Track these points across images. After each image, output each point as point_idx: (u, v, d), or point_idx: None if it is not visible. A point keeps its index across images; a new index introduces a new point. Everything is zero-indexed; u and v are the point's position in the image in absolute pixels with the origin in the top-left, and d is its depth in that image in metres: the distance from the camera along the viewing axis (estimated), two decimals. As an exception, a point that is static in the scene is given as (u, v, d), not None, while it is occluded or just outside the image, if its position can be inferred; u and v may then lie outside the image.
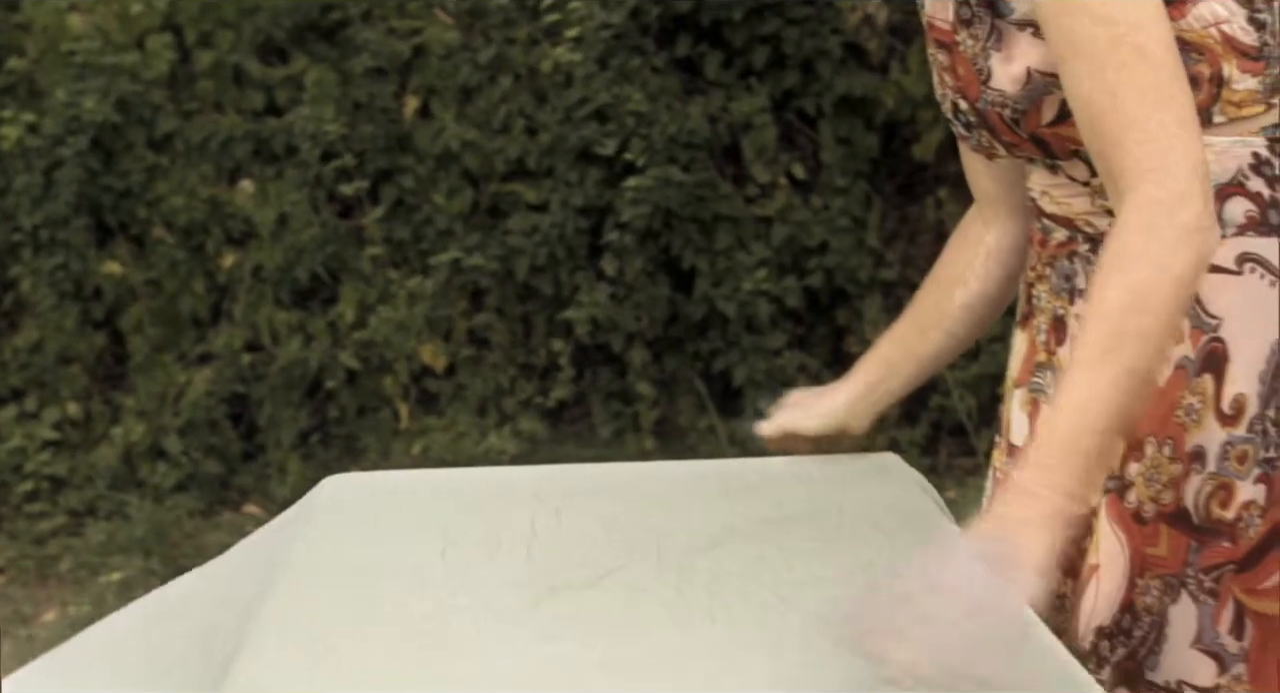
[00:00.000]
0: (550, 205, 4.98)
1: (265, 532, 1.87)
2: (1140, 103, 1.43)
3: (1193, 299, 1.46)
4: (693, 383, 5.08)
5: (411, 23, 5.10)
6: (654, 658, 1.34)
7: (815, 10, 5.10)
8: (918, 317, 1.87)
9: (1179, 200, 1.41)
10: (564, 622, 1.43)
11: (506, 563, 1.59)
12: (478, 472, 2.03)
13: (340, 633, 1.40)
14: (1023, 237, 1.81)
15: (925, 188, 5.22)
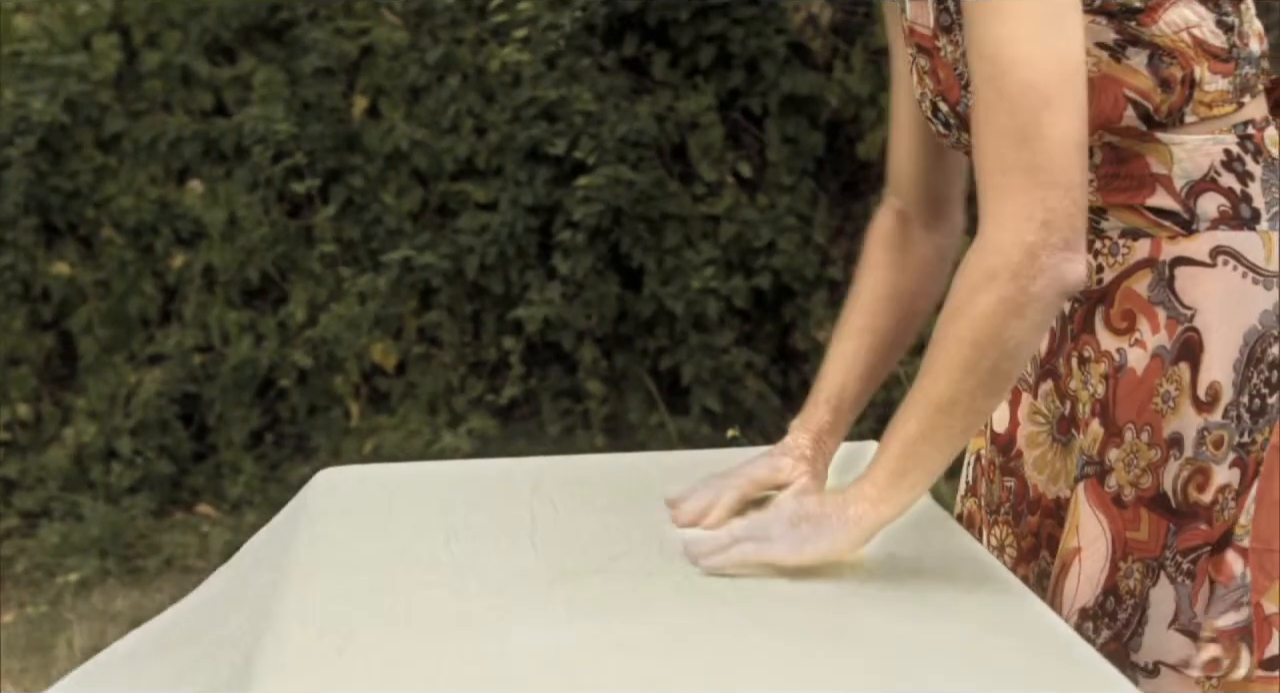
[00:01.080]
0: (499, 204, 5.02)
1: (268, 532, 1.90)
2: (994, 145, 1.48)
3: (1002, 336, 1.49)
4: (642, 380, 5.12)
5: (359, 23, 5.12)
6: (671, 637, 1.38)
7: (760, 10, 5.16)
8: (879, 341, 1.82)
9: (997, 250, 1.47)
10: (579, 605, 1.47)
11: (512, 552, 1.63)
12: (469, 464, 2.07)
13: (358, 621, 1.43)
14: (959, 228, 1.86)
15: (869, 186, 5.29)
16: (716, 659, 1.34)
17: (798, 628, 1.40)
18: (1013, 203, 1.47)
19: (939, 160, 1.83)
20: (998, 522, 1.75)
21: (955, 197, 1.86)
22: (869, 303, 1.84)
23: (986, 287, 1.47)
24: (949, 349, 1.48)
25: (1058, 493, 1.68)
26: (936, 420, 1.50)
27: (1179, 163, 1.59)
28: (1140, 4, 1.55)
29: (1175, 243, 1.59)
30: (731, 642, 1.38)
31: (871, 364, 1.82)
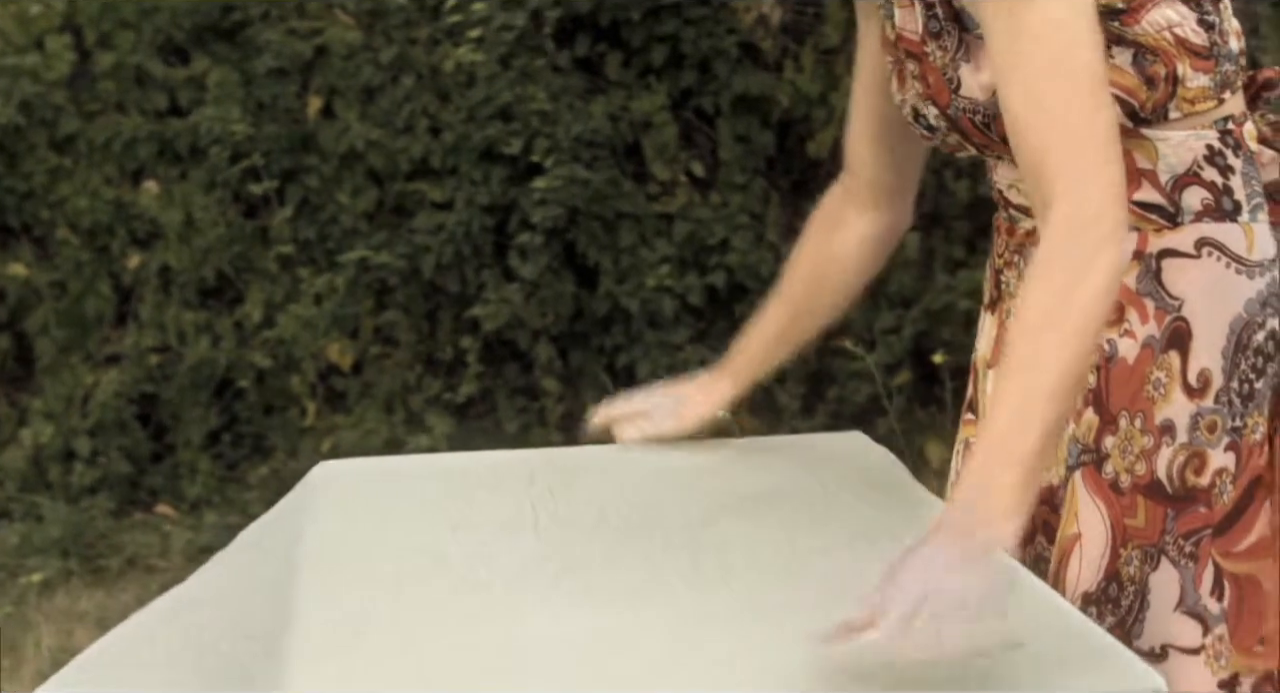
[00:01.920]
0: (455, 204, 5.04)
1: (267, 522, 1.92)
2: (1065, 123, 1.51)
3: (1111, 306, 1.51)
4: (598, 378, 5.16)
5: (312, 23, 5.13)
6: (681, 622, 1.43)
7: (711, 11, 5.21)
8: (791, 303, 1.99)
9: (1093, 219, 1.48)
10: (589, 592, 1.51)
11: (518, 542, 1.67)
12: (465, 456, 2.10)
13: (377, 612, 1.47)
14: (900, 220, 1.96)
15: (819, 184, 5.32)
16: (733, 645, 1.39)
17: (804, 613, 1.44)
18: (1093, 177, 1.49)
19: (887, 157, 1.92)
20: (992, 508, 1.80)
21: (900, 188, 1.95)
22: (791, 271, 2.01)
23: (1102, 248, 1.47)
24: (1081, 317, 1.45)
25: (1050, 480, 1.73)
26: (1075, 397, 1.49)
27: (1163, 158, 1.64)
28: (1123, 4, 1.60)
29: (1161, 236, 1.64)
30: (744, 628, 1.42)
31: (779, 325, 2.00)
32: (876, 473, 1.87)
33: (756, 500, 1.77)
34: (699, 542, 1.65)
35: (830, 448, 1.98)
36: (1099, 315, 1.49)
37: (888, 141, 1.88)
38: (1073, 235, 1.49)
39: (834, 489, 1.78)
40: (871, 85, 1.87)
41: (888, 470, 1.89)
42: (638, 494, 1.83)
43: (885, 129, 1.87)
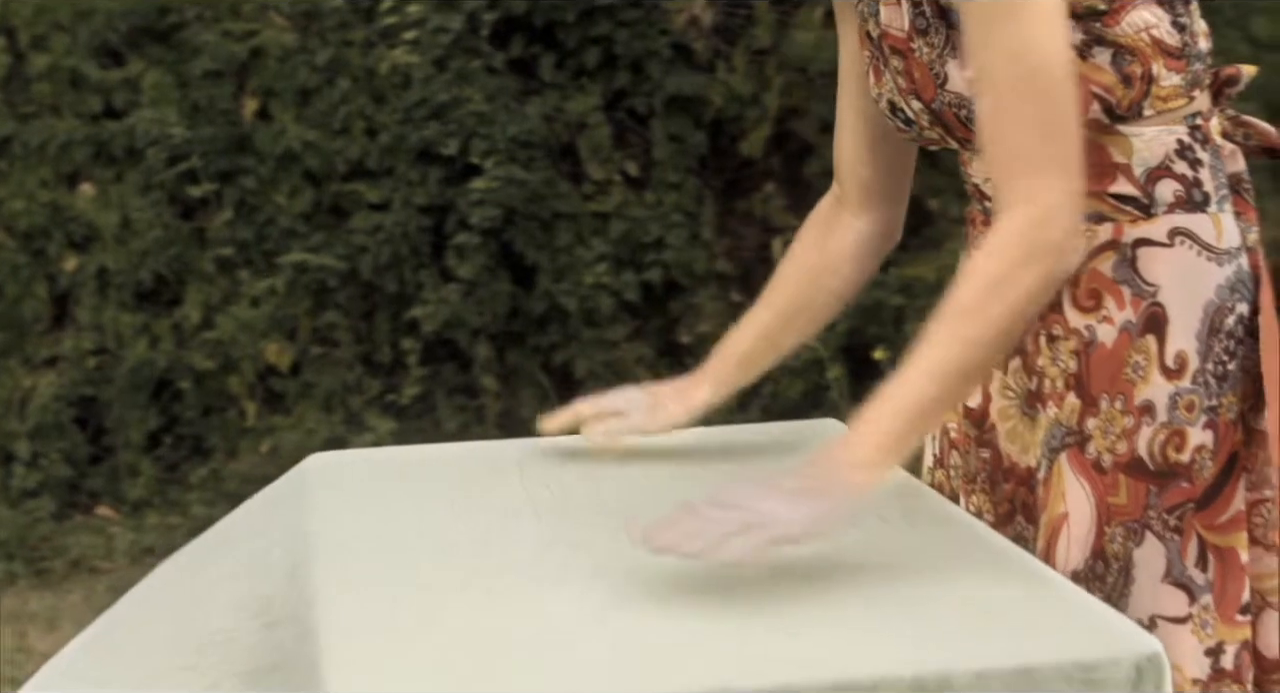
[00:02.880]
0: (392, 204, 5.07)
1: (255, 511, 1.95)
2: (1026, 138, 1.60)
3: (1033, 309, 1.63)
4: (535, 376, 5.21)
5: (246, 25, 5.14)
6: (705, 598, 1.48)
7: (644, 12, 5.27)
8: (781, 306, 1.97)
9: (1040, 226, 1.59)
10: (602, 572, 1.56)
11: (521, 527, 1.72)
12: (450, 447, 2.14)
13: (401, 595, 1.51)
14: (892, 226, 1.99)
15: (752, 183, 5.43)
16: (753, 617, 1.44)
17: (814, 588, 1.51)
18: (1047, 187, 1.58)
19: (874, 157, 1.96)
20: (975, 490, 1.87)
21: (891, 191, 1.99)
22: (783, 273, 2.00)
23: (1030, 265, 1.57)
24: (993, 321, 1.57)
25: (1028, 463, 1.81)
26: (960, 387, 1.61)
27: (1138, 152, 1.72)
28: (1104, 7, 1.68)
29: (1136, 226, 1.72)
30: (761, 601, 1.48)
31: (767, 328, 1.98)
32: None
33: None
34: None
35: (809, 435, 2.05)
36: (1017, 316, 1.60)
37: (876, 143, 1.93)
38: (1016, 241, 1.60)
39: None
40: (856, 87, 1.93)
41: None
42: (628, 480, 1.88)
43: (873, 130, 1.93)
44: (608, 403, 1.99)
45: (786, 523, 1.51)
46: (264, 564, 1.73)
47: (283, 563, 1.69)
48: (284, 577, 1.65)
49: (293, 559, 1.68)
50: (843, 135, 1.97)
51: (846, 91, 1.96)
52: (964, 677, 1.31)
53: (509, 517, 1.76)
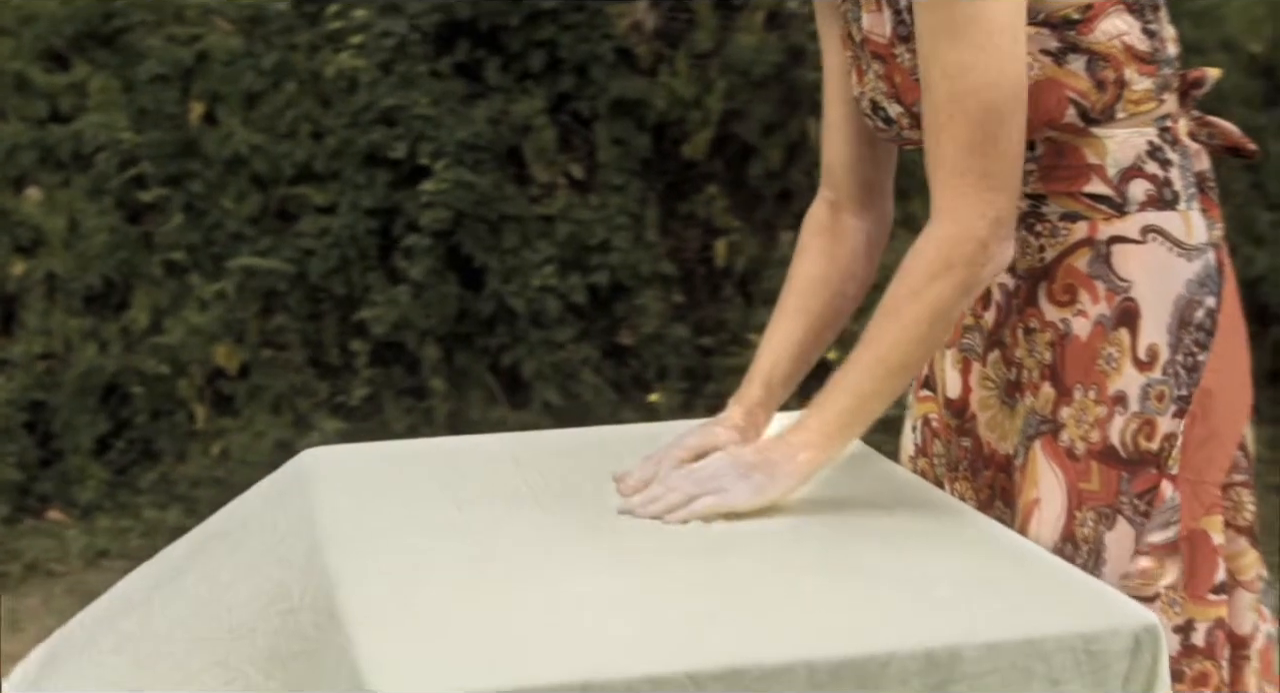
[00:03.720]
0: (339, 208, 5.10)
1: (252, 504, 1.98)
2: (953, 151, 1.71)
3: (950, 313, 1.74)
4: (482, 377, 5.25)
5: (191, 29, 5.16)
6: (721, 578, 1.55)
7: (587, 16, 5.33)
8: (810, 322, 1.99)
9: (954, 242, 1.71)
10: (612, 553, 1.62)
11: (525, 514, 1.77)
12: (439, 441, 2.20)
13: (423, 581, 1.56)
14: (889, 219, 2.05)
15: (694, 186, 5.50)
16: (764, 596, 1.51)
17: (819, 568, 1.58)
18: (968, 203, 1.70)
19: (870, 152, 2.02)
20: (958, 477, 1.95)
21: (885, 186, 2.05)
22: (802, 287, 2.02)
23: (945, 274, 1.71)
24: (906, 325, 1.72)
25: (1007, 450, 1.88)
26: (889, 381, 1.75)
27: (1111, 154, 1.80)
28: (1079, 15, 1.76)
29: (1110, 224, 1.80)
30: (769, 581, 1.54)
31: (803, 344, 2.01)
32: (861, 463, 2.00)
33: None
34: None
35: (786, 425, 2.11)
36: (934, 320, 1.74)
37: (863, 143, 1.99)
38: (934, 252, 1.73)
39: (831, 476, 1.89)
40: (843, 91, 1.99)
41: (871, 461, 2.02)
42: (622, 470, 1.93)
43: (860, 131, 1.99)
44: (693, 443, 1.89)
45: (735, 494, 1.74)
46: (276, 555, 1.77)
47: (295, 553, 1.73)
48: (298, 566, 1.69)
49: (305, 549, 1.72)
50: (833, 137, 2.02)
51: (834, 94, 2.01)
52: (973, 649, 1.38)
53: (511, 505, 1.81)
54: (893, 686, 1.36)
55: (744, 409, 1.97)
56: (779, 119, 5.37)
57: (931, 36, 1.71)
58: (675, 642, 1.40)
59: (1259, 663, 1.86)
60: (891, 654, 1.37)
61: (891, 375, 1.75)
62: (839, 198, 2.04)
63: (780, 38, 5.34)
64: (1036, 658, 1.39)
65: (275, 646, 1.62)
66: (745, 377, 2.01)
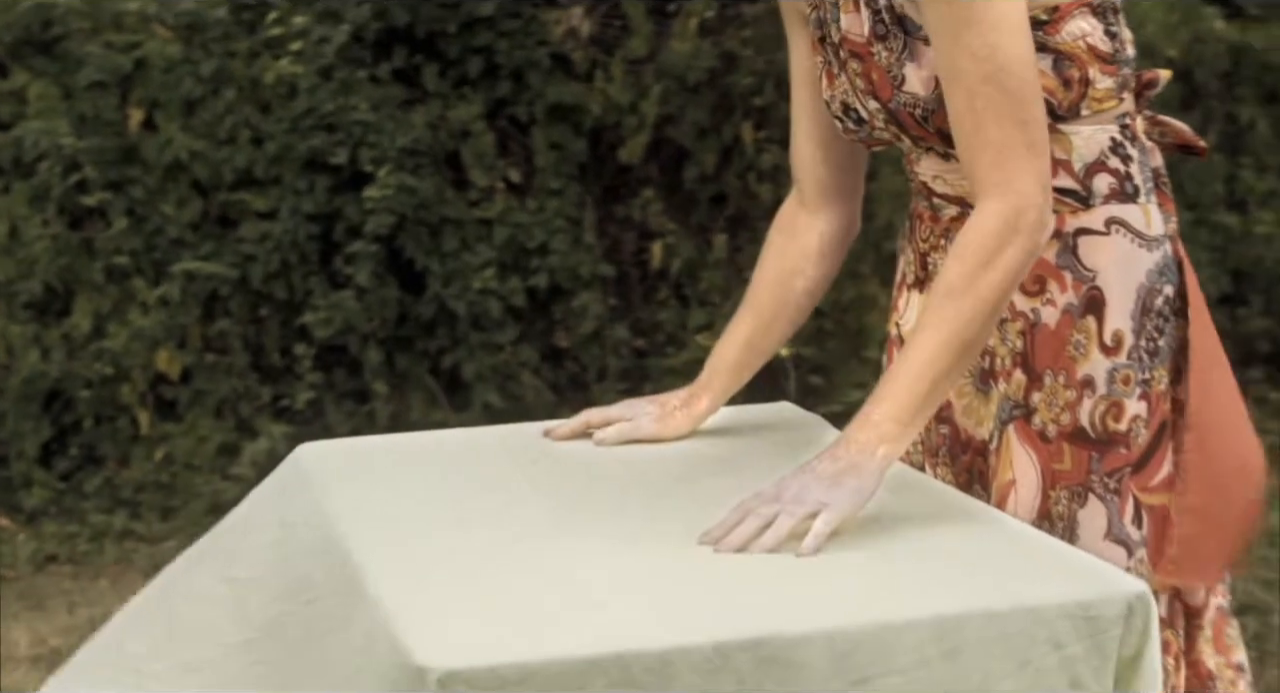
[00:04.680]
0: (280, 213, 5.14)
1: (266, 500, 2.02)
2: (998, 129, 1.78)
3: (1018, 281, 1.80)
4: (424, 380, 5.31)
5: (130, 37, 5.18)
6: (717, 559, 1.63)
7: (523, 23, 5.40)
8: (759, 314, 2.12)
9: (1017, 211, 1.77)
10: (619, 538, 1.69)
11: (529, 501, 1.83)
12: (431, 435, 2.25)
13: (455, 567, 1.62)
14: (851, 220, 2.15)
15: (630, 189, 5.58)
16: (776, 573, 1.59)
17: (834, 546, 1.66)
18: (1022, 174, 1.76)
19: (830, 155, 2.11)
20: (938, 463, 2.04)
21: (847, 188, 2.14)
22: (757, 283, 2.15)
23: (1013, 240, 1.76)
24: (982, 298, 1.75)
25: (983, 435, 1.97)
26: (963, 359, 1.78)
27: (1076, 149, 1.90)
28: (1046, 17, 1.85)
29: (1076, 216, 1.90)
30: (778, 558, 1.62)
31: (750, 335, 2.13)
32: (817, 436, 2.09)
33: (722, 463, 1.98)
34: (691, 495, 1.84)
35: (769, 418, 2.20)
36: (1005, 290, 1.78)
37: (830, 142, 2.08)
38: (998, 223, 1.78)
39: (789, 452, 1.96)
40: (807, 94, 2.08)
41: (824, 432, 2.11)
42: (610, 461, 2.01)
43: (825, 131, 2.07)
44: (616, 412, 2.12)
45: (837, 505, 1.68)
46: (290, 548, 1.82)
47: (311, 545, 1.79)
48: (317, 557, 1.74)
49: (320, 540, 1.77)
50: (798, 139, 2.11)
51: (800, 98, 2.10)
52: (978, 617, 1.47)
53: (514, 493, 1.87)
54: (908, 652, 1.45)
55: (687, 392, 2.14)
56: (713, 124, 5.46)
57: (952, 26, 1.77)
58: (699, 615, 1.48)
59: (1210, 632, 1.96)
60: (906, 623, 1.45)
61: (967, 351, 1.77)
62: (801, 196, 2.14)
63: (714, 44, 5.44)
64: (1039, 624, 1.48)
65: (307, 633, 1.68)
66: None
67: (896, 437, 1.75)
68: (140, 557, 4.44)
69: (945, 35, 1.79)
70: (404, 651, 1.43)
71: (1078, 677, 1.51)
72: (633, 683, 1.40)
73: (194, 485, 4.86)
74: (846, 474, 1.72)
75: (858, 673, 1.45)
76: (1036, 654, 1.49)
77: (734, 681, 1.42)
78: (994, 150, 1.78)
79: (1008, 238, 1.77)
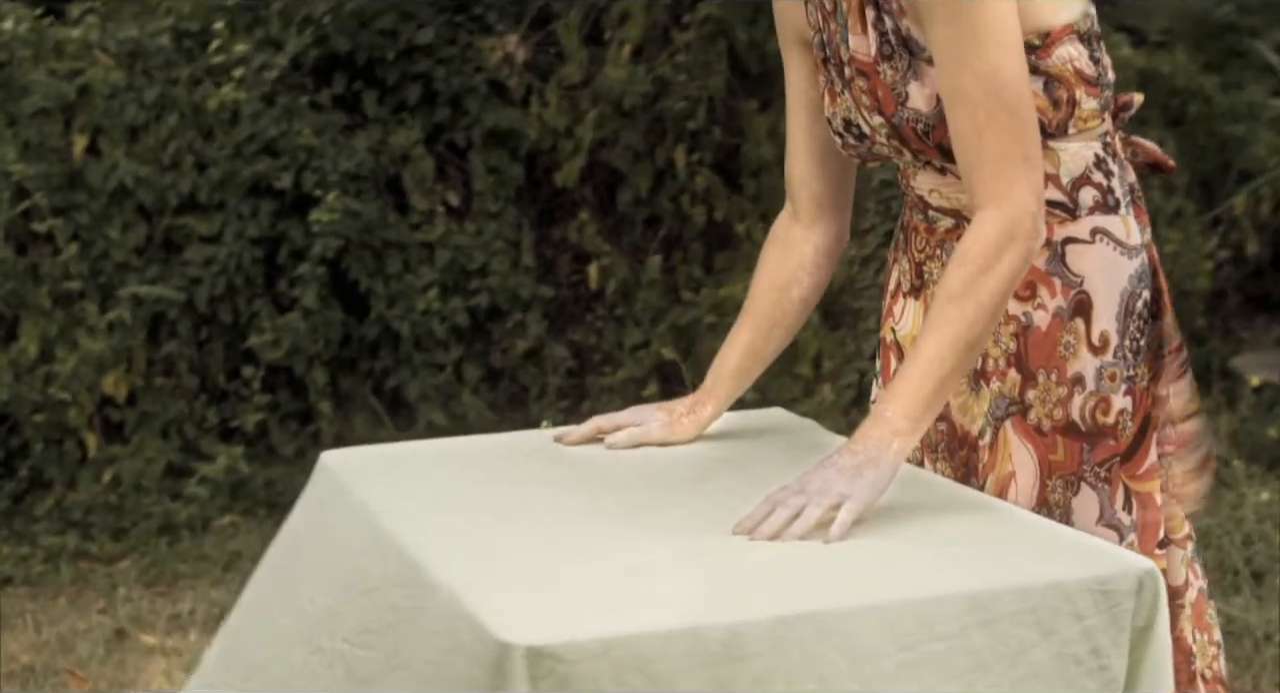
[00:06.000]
0: (224, 237, 5.22)
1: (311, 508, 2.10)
2: (997, 143, 1.93)
3: (1016, 284, 1.96)
4: (368, 400, 5.40)
5: (72, 64, 5.24)
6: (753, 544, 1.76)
7: (460, 50, 5.53)
8: (758, 322, 2.26)
9: (1014, 220, 1.92)
10: (656, 528, 1.81)
11: (557, 499, 1.94)
12: (446, 441, 2.35)
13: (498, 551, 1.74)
14: (841, 232, 2.29)
15: (566, 212, 5.71)
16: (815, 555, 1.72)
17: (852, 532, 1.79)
18: (1019, 185, 1.91)
19: (824, 171, 2.25)
20: (938, 458, 2.18)
21: (839, 202, 2.28)
22: (754, 291, 2.29)
23: (1010, 247, 1.91)
24: (983, 301, 1.90)
25: (975, 430, 2.12)
26: (967, 357, 1.92)
27: (1064, 164, 2.05)
28: (1039, 42, 2.01)
29: (1064, 226, 2.05)
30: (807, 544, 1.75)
31: (751, 342, 2.26)
32: (813, 439, 2.22)
33: (729, 465, 2.10)
34: (707, 492, 1.97)
35: (764, 423, 2.32)
36: (1005, 292, 1.93)
37: (825, 160, 2.22)
38: (996, 231, 1.93)
39: (791, 453, 2.11)
40: (803, 112, 2.22)
41: (819, 435, 2.25)
42: (627, 461, 2.12)
43: (821, 149, 2.22)
44: (626, 418, 2.23)
45: (858, 495, 1.83)
46: (340, 547, 1.91)
47: (360, 541, 1.88)
48: (369, 551, 1.84)
49: (370, 535, 1.86)
50: (794, 157, 2.25)
51: (796, 118, 2.24)
52: (1010, 591, 1.61)
53: (544, 490, 1.98)
54: (948, 622, 1.59)
55: (692, 398, 2.26)
56: (647, 148, 5.61)
57: (957, 47, 1.92)
58: (757, 593, 1.61)
59: (1191, 611, 2.12)
60: (947, 596, 1.59)
61: (971, 350, 1.92)
62: (796, 210, 2.28)
63: (647, 70, 5.58)
64: (1063, 598, 1.62)
65: (365, 621, 1.77)
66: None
67: (909, 431, 1.90)
68: (97, 577, 4.49)
69: (950, 56, 1.93)
70: (487, 630, 1.54)
71: (1098, 645, 1.65)
72: (705, 654, 1.53)
73: (143, 506, 4.92)
74: (865, 467, 1.86)
75: (905, 641, 1.58)
76: (1061, 625, 1.63)
77: (798, 649, 1.55)
78: (993, 163, 1.93)
79: (1006, 245, 1.92)
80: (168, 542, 4.73)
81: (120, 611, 4.18)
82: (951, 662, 1.60)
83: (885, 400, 1.92)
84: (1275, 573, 3.97)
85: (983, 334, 1.92)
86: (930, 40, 1.97)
